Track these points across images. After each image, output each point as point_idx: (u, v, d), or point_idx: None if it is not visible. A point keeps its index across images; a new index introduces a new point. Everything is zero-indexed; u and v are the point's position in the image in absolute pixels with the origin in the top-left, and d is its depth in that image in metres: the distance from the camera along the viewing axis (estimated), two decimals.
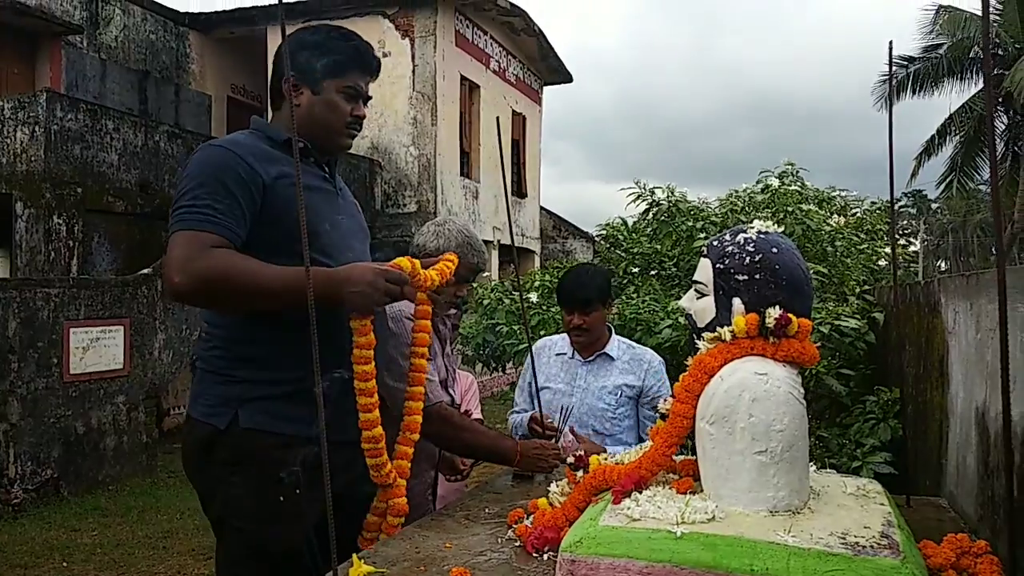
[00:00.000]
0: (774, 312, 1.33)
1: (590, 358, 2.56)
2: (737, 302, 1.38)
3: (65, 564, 4.77)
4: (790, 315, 1.34)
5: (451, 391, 2.24)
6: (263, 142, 1.67)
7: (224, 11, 12.43)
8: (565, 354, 2.60)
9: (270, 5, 11.83)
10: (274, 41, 11.52)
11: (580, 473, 1.60)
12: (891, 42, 1.68)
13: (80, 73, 10.40)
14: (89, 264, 8.36)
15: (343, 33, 1.73)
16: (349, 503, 1.79)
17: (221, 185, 1.55)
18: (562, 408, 2.47)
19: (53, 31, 10.05)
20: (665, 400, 1.44)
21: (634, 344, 2.66)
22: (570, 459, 1.76)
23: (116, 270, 8.54)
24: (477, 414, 2.59)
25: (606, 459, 1.58)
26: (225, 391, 1.63)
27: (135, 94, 11.20)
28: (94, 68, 10.62)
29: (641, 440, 2.49)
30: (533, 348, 2.58)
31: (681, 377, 1.40)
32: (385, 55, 11.71)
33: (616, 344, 2.58)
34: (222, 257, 1.50)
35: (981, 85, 16.46)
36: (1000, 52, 16.64)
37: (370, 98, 1.78)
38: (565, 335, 2.63)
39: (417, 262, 1.63)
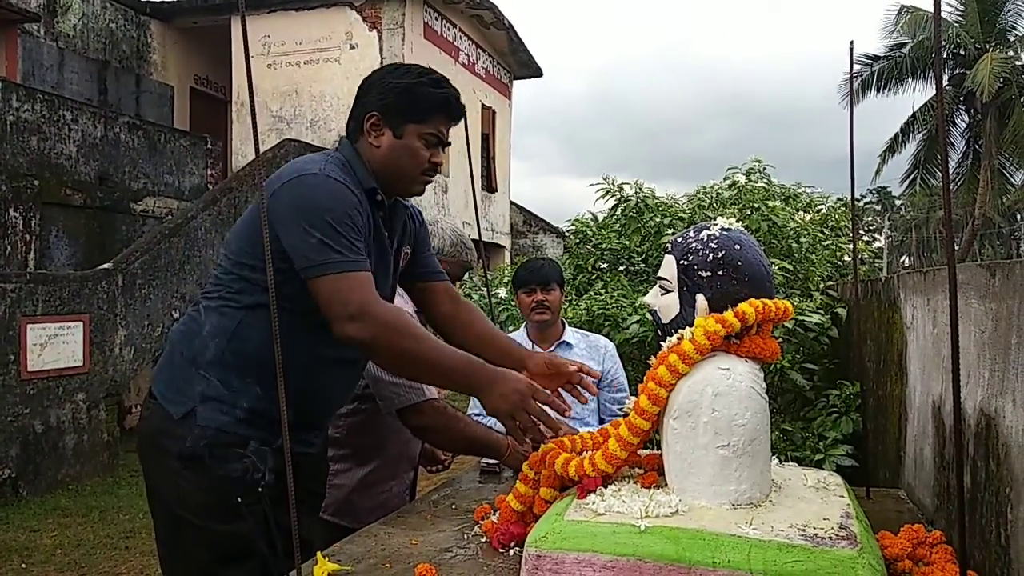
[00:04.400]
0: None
1: (550, 348, 2.64)
2: (701, 298, 1.39)
3: (24, 566, 4.66)
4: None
5: None
6: (351, 180, 1.63)
7: (187, 0, 12.19)
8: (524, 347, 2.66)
9: None
10: (238, 31, 11.34)
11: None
12: (852, 42, 1.71)
13: (37, 62, 10.11)
14: (47, 258, 8.15)
15: (434, 79, 1.69)
16: (309, 496, 1.79)
17: (354, 223, 1.54)
18: None
19: (9, 19, 9.75)
20: (628, 399, 1.46)
21: (587, 332, 2.79)
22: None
23: (75, 264, 8.35)
24: None
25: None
26: (189, 379, 1.61)
27: (94, 84, 10.93)
28: (52, 57, 10.35)
29: (603, 422, 2.59)
30: None
31: (646, 375, 1.41)
32: (352, 47, 11.61)
33: (571, 333, 2.70)
34: (397, 311, 1.53)
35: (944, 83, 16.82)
36: (961, 52, 17.05)
37: (450, 143, 1.75)
38: (520, 331, 2.74)
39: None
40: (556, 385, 1.79)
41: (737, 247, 1.40)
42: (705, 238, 1.42)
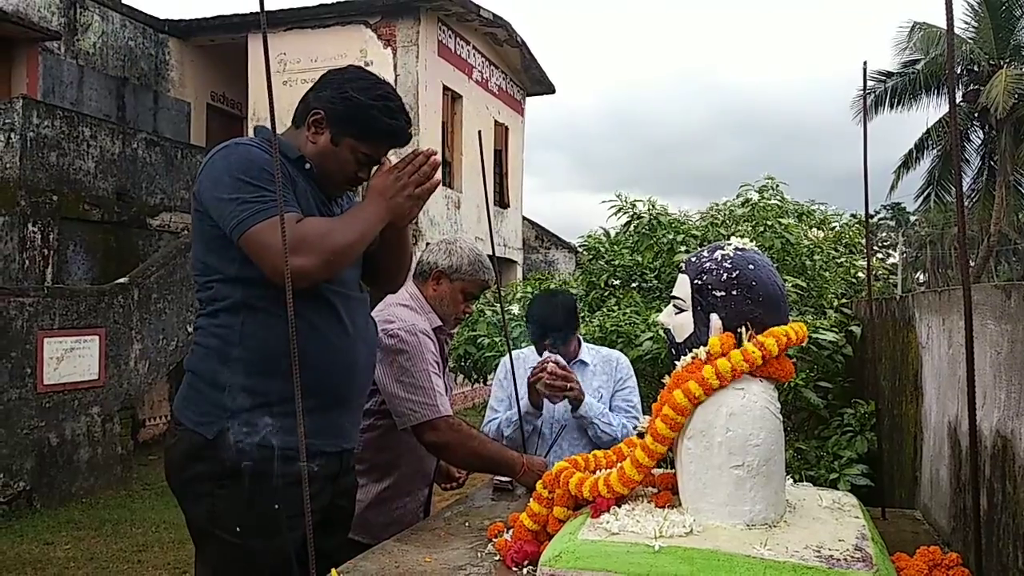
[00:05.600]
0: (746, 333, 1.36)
1: None
2: (715, 318, 1.39)
3: None
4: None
5: None
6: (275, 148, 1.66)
7: (204, 18, 12.35)
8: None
9: (251, 13, 11.77)
10: (255, 49, 11.49)
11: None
12: (865, 62, 1.72)
13: (57, 80, 10.28)
14: (64, 273, 8.25)
15: (389, 107, 1.69)
16: (339, 512, 1.79)
17: (272, 175, 1.54)
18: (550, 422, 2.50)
19: (30, 37, 9.93)
20: (643, 418, 1.46)
21: (600, 348, 2.78)
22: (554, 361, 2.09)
23: (92, 279, 8.44)
24: None
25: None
26: (215, 400, 1.61)
27: (113, 101, 11.09)
28: (72, 75, 10.51)
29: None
30: (504, 361, 2.63)
31: (660, 394, 1.41)
32: (367, 64, 11.71)
33: (586, 351, 2.68)
34: (313, 224, 1.57)
35: (958, 99, 16.74)
36: (975, 68, 16.97)
37: (382, 163, 1.76)
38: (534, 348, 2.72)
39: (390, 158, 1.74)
40: None
41: (751, 267, 1.41)
42: (719, 258, 1.43)
